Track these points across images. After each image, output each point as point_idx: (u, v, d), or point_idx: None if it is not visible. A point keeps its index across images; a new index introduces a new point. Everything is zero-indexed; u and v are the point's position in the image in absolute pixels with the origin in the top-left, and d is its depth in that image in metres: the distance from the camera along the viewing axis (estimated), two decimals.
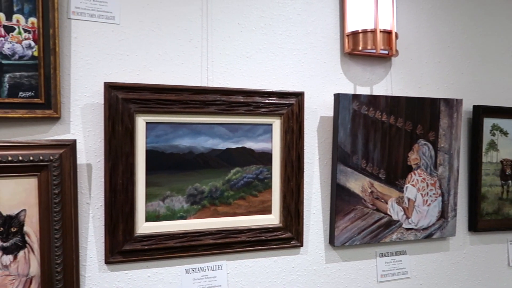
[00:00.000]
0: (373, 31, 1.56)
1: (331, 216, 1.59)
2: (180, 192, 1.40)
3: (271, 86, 1.54)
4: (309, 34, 1.60)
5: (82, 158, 1.32)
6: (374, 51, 1.59)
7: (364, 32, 1.57)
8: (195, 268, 1.43)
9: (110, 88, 1.31)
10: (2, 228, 1.20)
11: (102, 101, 1.34)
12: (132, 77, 1.39)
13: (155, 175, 1.37)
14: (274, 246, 1.51)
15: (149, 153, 1.36)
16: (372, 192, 1.60)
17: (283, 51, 1.56)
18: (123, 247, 1.33)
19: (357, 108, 1.55)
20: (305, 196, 1.57)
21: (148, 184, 1.36)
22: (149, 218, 1.37)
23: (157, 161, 1.37)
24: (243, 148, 1.46)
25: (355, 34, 1.59)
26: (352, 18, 1.60)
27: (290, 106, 1.50)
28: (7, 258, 1.21)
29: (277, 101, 1.48)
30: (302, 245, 1.54)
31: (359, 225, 1.59)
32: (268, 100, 1.47)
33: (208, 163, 1.42)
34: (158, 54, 1.42)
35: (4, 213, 1.21)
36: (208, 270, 1.44)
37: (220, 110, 1.42)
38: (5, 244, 1.21)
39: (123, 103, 1.31)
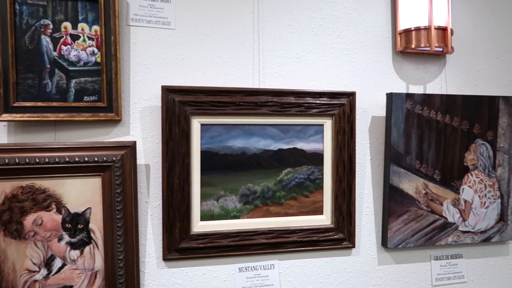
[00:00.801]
0: (427, 28, 1.52)
1: (383, 218, 1.57)
2: (234, 192, 1.43)
3: (322, 86, 1.54)
4: (360, 33, 1.58)
5: (141, 158, 1.38)
6: (428, 48, 1.55)
7: (417, 29, 1.53)
8: (248, 267, 1.45)
9: (167, 91, 1.35)
10: (70, 225, 1.28)
11: (159, 104, 1.39)
12: (187, 80, 1.43)
13: (209, 175, 1.40)
14: (326, 247, 1.50)
15: (204, 154, 1.40)
16: (426, 193, 1.56)
17: (334, 51, 1.55)
18: (180, 245, 1.37)
19: (411, 108, 1.52)
20: (356, 197, 1.55)
21: (202, 184, 1.40)
22: (204, 217, 1.41)
23: (211, 161, 1.40)
24: (295, 148, 1.47)
25: (407, 31, 1.55)
26: (404, 15, 1.56)
27: (341, 106, 1.49)
28: (75, 253, 1.29)
29: (328, 102, 1.48)
30: (354, 246, 1.53)
31: (413, 227, 1.56)
32: (320, 100, 1.47)
33: (260, 164, 1.44)
34: (211, 57, 1.45)
35: (72, 211, 1.28)
36: (261, 269, 1.46)
37: (272, 111, 1.43)
38: (72, 240, 1.29)
39: (179, 105, 1.36)
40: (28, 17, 1.27)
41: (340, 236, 1.51)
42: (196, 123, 1.39)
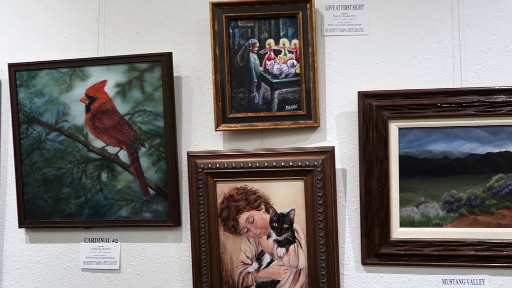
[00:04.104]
0: None
1: None
2: (435, 199, 1.35)
3: None
4: None
5: (337, 163, 1.42)
6: None
7: None
8: (453, 279, 1.35)
9: (364, 97, 1.37)
10: (276, 224, 1.40)
11: (354, 109, 1.41)
12: (381, 84, 1.42)
13: (408, 181, 1.36)
14: None
15: (402, 159, 1.36)
16: None
17: None
18: (379, 250, 1.37)
19: None
20: None
21: (401, 189, 1.37)
22: (403, 223, 1.37)
23: (410, 166, 1.36)
24: (507, 152, 1.32)
25: None
26: None
27: None
28: (281, 251, 1.40)
29: None
30: None
31: None
32: None
33: (465, 169, 1.34)
34: (406, 59, 1.41)
35: (278, 211, 1.40)
36: (468, 283, 1.35)
37: (479, 111, 1.32)
38: (279, 238, 1.40)
39: (376, 110, 1.36)
40: (239, 38, 1.45)
41: None
42: (394, 127, 1.36)
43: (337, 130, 1.44)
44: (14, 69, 1.52)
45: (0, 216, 1.58)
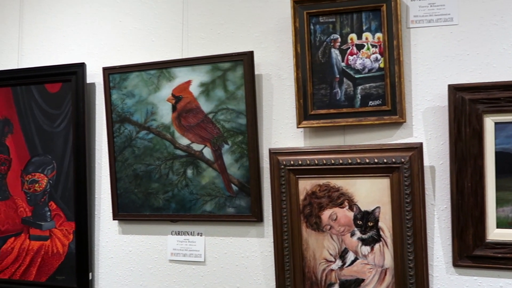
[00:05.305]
0: None
1: None
2: None
3: None
4: None
5: (425, 160, 1.36)
6: None
7: None
8: None
9: (455, 90, 1.30)
10: (361, 222, 1.37)
11: (443, 103, 1.34)
12: (474, 76, 1.34)
13: (506, 179, 1.27)
14: None
15: (499, 155, 1.28)
16: None
17: None
18: (473, 252, 1.29)
19: None
20: None
21: (498, 187, 1.28)
22: (500, 224, 1.28)
23: (508, 163, 1.27)
24: None
25: None
26: None
27: None
28: (365, 249, 1.37)
29: None
30: None
31: None
32: None
33: None
34: (502, 48, 1.32)
35: (362, 209, 1.37)
36: None
37: None
38: (363, 236, 1.37)
39: (470, 104, 1.28)
40: (320, 34, 1.44)
41: None
42: (489, 122, 1.28)
43: (424, 126, 1.38)
44: (108, 72, 1.63)
45: (96, 208, 1.71)
